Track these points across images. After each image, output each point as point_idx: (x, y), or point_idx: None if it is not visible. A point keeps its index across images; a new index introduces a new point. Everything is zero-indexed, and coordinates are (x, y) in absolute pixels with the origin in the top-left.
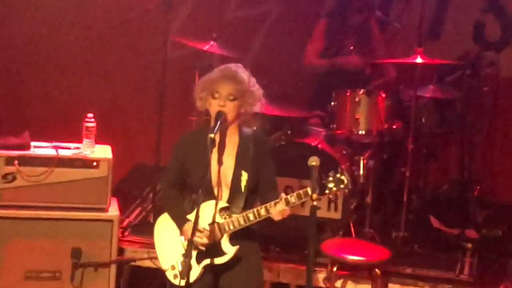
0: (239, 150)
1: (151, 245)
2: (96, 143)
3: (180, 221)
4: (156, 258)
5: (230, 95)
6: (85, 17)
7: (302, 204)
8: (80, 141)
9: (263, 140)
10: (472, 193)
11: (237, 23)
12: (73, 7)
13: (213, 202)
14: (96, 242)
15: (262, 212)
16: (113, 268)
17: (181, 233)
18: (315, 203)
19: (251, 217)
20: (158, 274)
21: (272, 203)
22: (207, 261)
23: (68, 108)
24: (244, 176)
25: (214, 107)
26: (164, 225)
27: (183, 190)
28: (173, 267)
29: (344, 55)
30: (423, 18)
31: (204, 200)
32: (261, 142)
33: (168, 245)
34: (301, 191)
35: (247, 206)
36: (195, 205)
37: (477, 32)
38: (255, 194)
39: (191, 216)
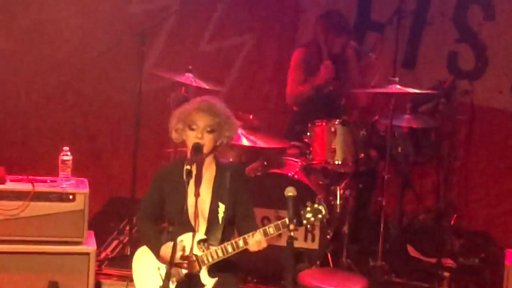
0: (216, 182)
1: (128, 278)
2: (72, 176)
3: (158, 251)
4: None
5: (208, 126)
6: (59, 50)
7: (279, 234)
8: (56, 175)
9: (240, 171)
10: (448, 221)
11: (213, 55)
12: (47, 39)
13: (190, 234)
14: (73, 276)
15: (240, 243)
16: None
17: (159, 259)
18: (292, 233)
19: (230, 248)
20: None
21: (250, 234)
22: None
23: (43, 142)
24: (221, 208)
25: (191, 138)
26: (143, 257)
27: (160, 222)
28: None
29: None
30: (398, 48)
31: (181, 233)
32: (237, 173)
33: (147, 277)
34: (279, 222)
35: (224, 238)
36: (172, 237)
37: (451, 62)
38: (232, 225)
39: None
